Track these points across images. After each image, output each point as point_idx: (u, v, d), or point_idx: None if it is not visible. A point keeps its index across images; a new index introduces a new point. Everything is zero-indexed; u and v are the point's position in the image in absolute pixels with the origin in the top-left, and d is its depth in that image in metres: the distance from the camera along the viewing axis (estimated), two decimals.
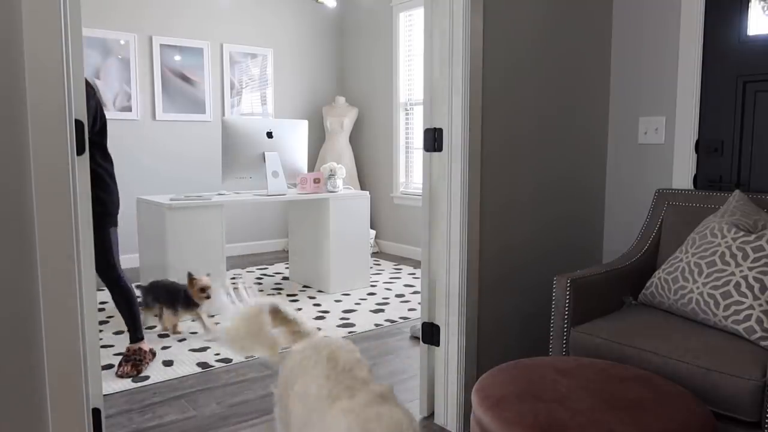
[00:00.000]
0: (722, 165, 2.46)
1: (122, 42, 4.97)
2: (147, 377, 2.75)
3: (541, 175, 2.50)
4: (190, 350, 3.12)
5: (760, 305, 1.76)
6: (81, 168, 1.42)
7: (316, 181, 4.28)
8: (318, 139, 6.12)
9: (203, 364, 2.92)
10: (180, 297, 3.27)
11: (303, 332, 1.53)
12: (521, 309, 2.46)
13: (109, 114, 4.95)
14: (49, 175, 1.35)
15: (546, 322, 2.54)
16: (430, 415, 2.38)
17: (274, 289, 4.44)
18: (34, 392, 1.39)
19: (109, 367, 2.87)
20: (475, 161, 2.19)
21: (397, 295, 4.28)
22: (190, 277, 3.27)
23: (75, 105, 1.39)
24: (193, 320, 3.46)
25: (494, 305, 2.35)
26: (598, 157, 2.78)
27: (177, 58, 5.27)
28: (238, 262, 5.43)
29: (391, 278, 4.82)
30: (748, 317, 1.77)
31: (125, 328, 3.50)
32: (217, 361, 2.97)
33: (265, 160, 4.00)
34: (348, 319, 3.71)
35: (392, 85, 5.67)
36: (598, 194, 2.80)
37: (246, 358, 3.00)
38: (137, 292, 3.09)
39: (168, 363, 2.93)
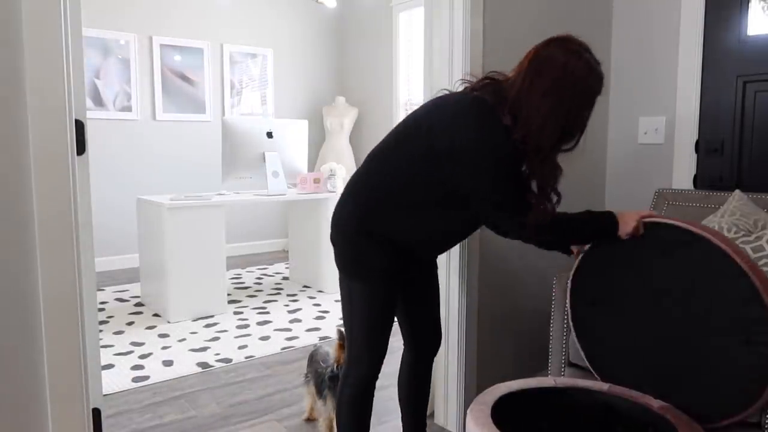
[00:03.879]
0: (722, 165, 2.46)
1: (122, 42, 4.97)
2: (147, 377, 2.75)
3: None
4: (190, 350, 3.12)
5: None
6: (81, 168, 1.42)
7: (316, 181, 4.28)
8: (318, 139, 6.12)
9: (203, 364, 2.92)
10: (324, 380, 2.02)
11: None
12: (521, 309, 2.46)
13: (109, 114, 4.96)
14: (49, 175, 1.35)
15: (546, 322, 2.54)
16: (430, 415, 2.38)
17: (274, 289, 4.44)
18: (34, 392, 1.39)
19: (110, 367, 2.87)
20: None
21: None
22: (340, 340, 1.96)
23: (75, 105, 1.39)
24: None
25: (494, 305, 2.35)
26: (598, 157, 2.78)
27: (177, 58, 5.27)
28: (238, 262, 5.43)
29: None
30: None
31: (125, 329, 3.50)
32: (217, 361, 2.97)
33: (265, 160, 4.00)
34: None
35: (392, 85, 5.67)
36: (598, 194, 2.80)
37: (246, 357, 3.00)
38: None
39: (168, 363, 2.93)
